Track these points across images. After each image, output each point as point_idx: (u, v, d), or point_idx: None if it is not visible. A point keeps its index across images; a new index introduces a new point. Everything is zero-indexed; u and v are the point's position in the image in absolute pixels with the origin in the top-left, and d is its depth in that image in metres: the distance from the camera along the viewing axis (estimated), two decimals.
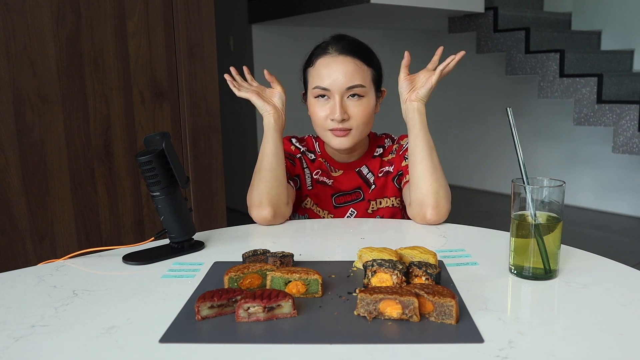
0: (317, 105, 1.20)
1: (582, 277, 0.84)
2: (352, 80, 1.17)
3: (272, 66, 5.03)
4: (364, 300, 0.70)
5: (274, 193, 1.16)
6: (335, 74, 1.16)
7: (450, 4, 3.67)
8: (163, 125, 1.98)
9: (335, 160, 1.31)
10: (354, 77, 1.17)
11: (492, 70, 4.74)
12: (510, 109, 0.90)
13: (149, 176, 0.97)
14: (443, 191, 1.13)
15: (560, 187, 0.84)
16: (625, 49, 4.15)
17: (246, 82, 1.26)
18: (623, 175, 4.11)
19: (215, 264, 0.94)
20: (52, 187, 1.77)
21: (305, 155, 1.32)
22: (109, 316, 0.73)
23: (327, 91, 1.18)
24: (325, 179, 1.30)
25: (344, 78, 1.16)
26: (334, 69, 1.17)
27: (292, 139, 1.35)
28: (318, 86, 1.18)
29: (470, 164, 5.06)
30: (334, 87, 1.17)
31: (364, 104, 1.19)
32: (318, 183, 1.30)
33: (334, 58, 1.18)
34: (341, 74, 1.16)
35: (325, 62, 1.18)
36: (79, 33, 1.77)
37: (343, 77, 1.16)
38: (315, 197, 1.30)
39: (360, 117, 1.18)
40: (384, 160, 1.31)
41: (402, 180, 1.26)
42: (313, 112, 1.22)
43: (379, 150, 1.32)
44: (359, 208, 1.30)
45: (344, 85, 1.16)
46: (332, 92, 1.17)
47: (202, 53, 2.02)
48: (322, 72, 1.18)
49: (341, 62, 1.17)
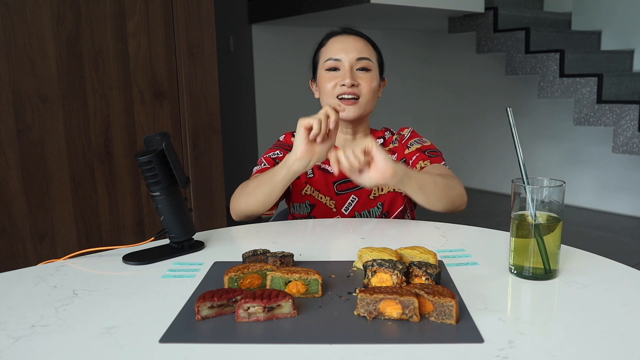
0: (327, 76, 1.28)
1: (582, 277, 0.84)
2: (362, 52, 1.27)
3: (272, 66, 5.01)
4: (364, 300, 0.70)
5: (255, 210, 1.22)
6: (346, 47, 1.27)
7: (450, 4, 3.67)
8: (163, 125, 1.98)
9: (337, 148, 1.33)
10: (364, 51, 1.27)
11: (492, 70, 4.74)
12: (510, 109, 0.90)
13: (149, 176, 0.97)
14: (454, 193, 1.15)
15: (560, 187, 0.84)
16: (625, 49, 4.15)
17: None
18: (623, 175, 4.11)
19: (215, 264, 0.94)
20: (52, 187, 1.77)
21: None
22: (109, 316, 0.73)
23: (338, 62, 1.26)
24: (326, 166, 1.34)
25: (354, 50, 1.26)
26: (346, 44, 1.27)
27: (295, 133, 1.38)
28: (330, 58, 1.27)
29: (470, 164, 5.06)
30: (345, 57, 1.26)
31: (371, 76, 1.27)
32: (319, 169, 1.34)
33: (345, 36, 1.30)
34: (351, 47, 1.27)
35: (337, 40, 1.29)
36: (79, 33, 1.77)
37: (353, 49, 1.26)
38: (317, 183, 1.33)
39: (367, 87, 1.26)
40: (385, 149, 1.33)
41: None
42: (322, 84, 1.29)
43: (379, 140, 1.37)
44: (361, 194, 1.32)
45: (354, 56, 1.26)
46: (342, 63, 1.26)
47: (202, 53, 2.02)
48: (334, 46, 1.28)
49: (352, 39, 1.29)
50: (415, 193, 1.10)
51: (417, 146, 1.31)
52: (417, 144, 1.32)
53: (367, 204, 1.31)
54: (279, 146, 1.37)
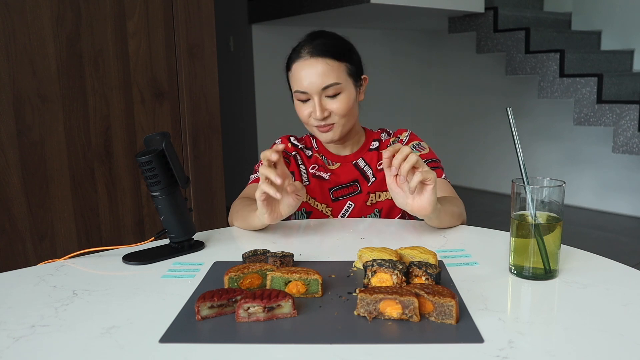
0: (300, 106, 1.27)
1: (582, 277, 0.84)
2: (326, 80, 1.22)
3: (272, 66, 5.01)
4: (364, 300, 0.70)
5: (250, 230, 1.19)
6: (310, 77, 1.22)
7: (450, 4, 3.67)
8: (163, 125, 1.98)
9: (332, 153, 1.36)
10: (328, 76, 1.22)
11: (492, 70, 4.74)
12: (510, 109, 0.90)
13: (149, 176, 0.97)
14: (461, 219, 1.18)
15: (560, 187, 0.84)
16: (625, 49, 4.15)
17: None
18: (623, 175, 4.11)
19: (215, 264, 0.94)
20: (52, 187, 1.77)
21: (302, 152, 1.37)
22: (109, 316, 0.73)
23: (305, 94, 1.24)
24: (322, 174, 1.34)
25: (319, 79, 1.21)
26: (308, 72, 1.22)
27: (291, 137, 1.40)
28: (297, 90, 1.25)
29: (470, 164, 5.06)
30: (311, 89, 1.22)
31: (341, 99, 1.24)
32: (315, 177, 1.34)
33: (306, 61, 1.23)
34: (315, 76, 1.21)
35: (299, 66, 1.24)
36: (79, 33, 1.77)
37: (317, 78, 1.21)
38: (312, 191, 1.33)
39: (340, 111, 1.24)
40: (381, 153, 1.32)
41: None
42: (298, 113, 1.29)
43: (374, 143, 1.36)
44: (357, 201, 1.32)
45: (319, 86, 1.22)
46: (310, 94, 1.23)
47: (202, 53, 2.02)
48: (298, 76, 1.24)
49: (313, 65, 1.22)
50: (430, 220, 1.10)
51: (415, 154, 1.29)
52: (415, 151, 1.29)
53: (364, 210, 1.31)
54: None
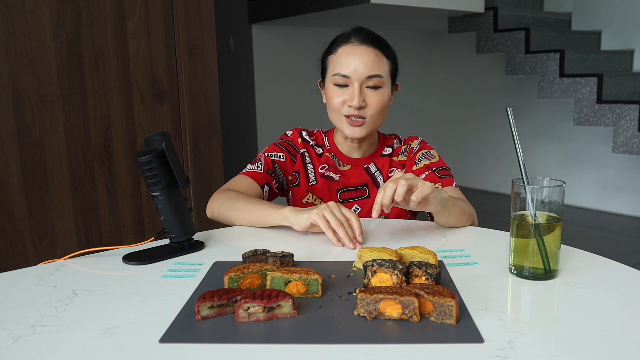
0: (336, 91, 1.22)
1: (582, 277, 0.84)
2: (372, 69, 1.19)
3: (272, 66, 5.01)
4: (364, 300, 0.70)
5: (235, 224, 1.19)
6: (357, 63, 1.19)
7: (450, 4, 3.67)
8: (163, 125, 1.98)
9: (343, 154, 1.32)
10: (374, 67, 1.19)
11: (492, 70, 4.74)
12: (510, 109, 0.90)
13: (149, 176, 0.97)
14: (473, 221, 1.18)
15: (560, 187, 0.84)
16: (625, 49, 4.15)
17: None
18: (623, 175, 4.11)
19: (215, 264, 0.94)
20: (52, 187, 1.77)
21: (312, 149, 1.33)
22: (109, 316, 0.73)
23: (347, 79, 1.20)
24: (331, 174, 1.31)
25: (365, 67, 1.19)
26: (356, 58, 1.19)
27: (303, 132, 1.36)
28: (338, 73, 1.21)
29: (470, 164, 5.06)
30: (355, 75, 1.19)
31: (380, 94, 1.21)
32: (323, 177, 1.31)
33: (355, 47, 1.20)
34: (362, 63, 1.19)
35: (347, 50, 1.21)
36: (79, 33, 1.77)
37: (364, 66, 1.19)
38: (320, 191, 1.31)
39: (376, 106, 1.21)
40: (393, 160, 1.32)
41: None
42: (330, 98, 1.24)
43: (387, 149, 1.33)
44: (364, 205, 1.30)
45: (364, 74, 1.19)
46: (351, 80, 1.20)
47: (202, 53, 2.02)
48: (343, 60, 1.21)
49: (363, 52, 1.20)
50: (439, 216, 1.09)
51: (425, 162, 1.27)
52: (425, 159, 1.27)
53: (371, 215, 1.29)
54: (284, 145, 1.32)
